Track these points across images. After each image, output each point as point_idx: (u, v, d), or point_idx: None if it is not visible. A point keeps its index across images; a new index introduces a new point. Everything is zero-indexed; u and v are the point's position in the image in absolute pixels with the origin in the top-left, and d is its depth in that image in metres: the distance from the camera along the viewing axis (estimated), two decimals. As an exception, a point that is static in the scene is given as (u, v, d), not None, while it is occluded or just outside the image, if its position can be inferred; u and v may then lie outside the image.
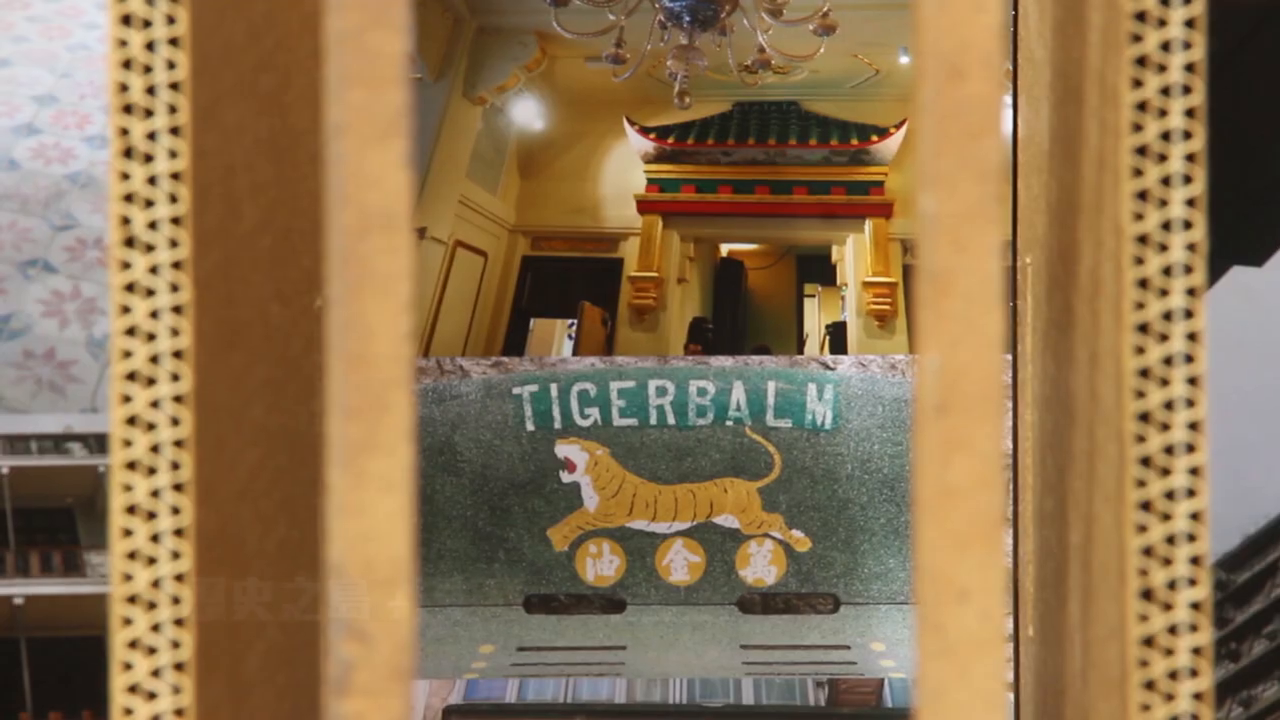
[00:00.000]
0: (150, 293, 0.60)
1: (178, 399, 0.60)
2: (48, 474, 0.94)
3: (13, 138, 0.94)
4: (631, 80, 0.97)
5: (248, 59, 0.67)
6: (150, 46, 0.60)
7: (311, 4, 0.60)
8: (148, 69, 0.61)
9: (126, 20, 0.60)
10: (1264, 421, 0.91)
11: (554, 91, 0.99)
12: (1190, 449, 0.59)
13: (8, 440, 0.96)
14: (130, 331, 0.60)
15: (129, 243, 0.60)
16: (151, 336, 0.60)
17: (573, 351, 0.98)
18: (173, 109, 0.61)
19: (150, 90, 0.61)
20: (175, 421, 0.60)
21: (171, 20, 0.60)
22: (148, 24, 0.60)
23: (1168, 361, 0.59)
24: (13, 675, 0.93)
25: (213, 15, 0.62)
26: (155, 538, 0.60)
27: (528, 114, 0.99)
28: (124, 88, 0.61)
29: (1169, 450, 0.59)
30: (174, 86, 0.61)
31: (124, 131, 0.61)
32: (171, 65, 0.60)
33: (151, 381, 0.60)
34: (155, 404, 0.60)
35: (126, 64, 0.61)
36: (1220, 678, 0.98)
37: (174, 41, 0.60)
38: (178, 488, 0.60)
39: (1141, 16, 0.59)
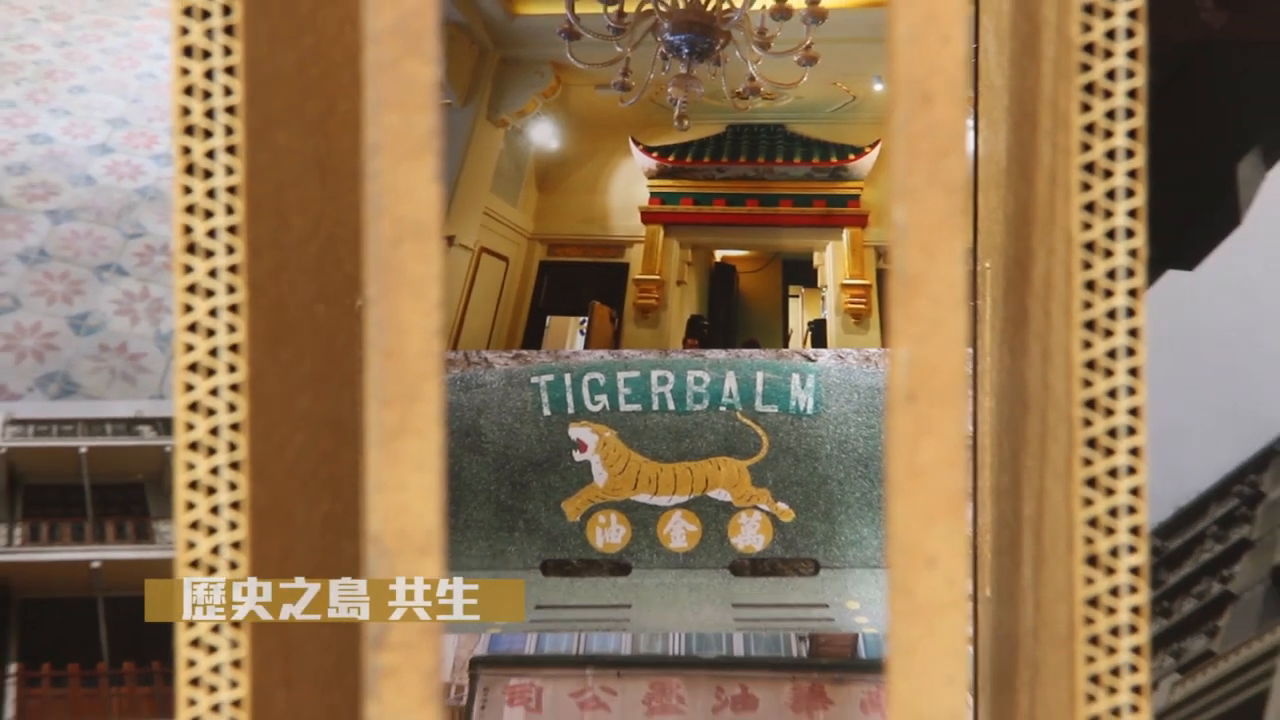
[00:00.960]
0: (209, 294, 0.60)
1: (234, 388, 0.60)
2: (121, 453, 0.94)
3: (89, 156, 0.94)
4: (636, 105, 0.96)
5: (296, 87, 0.67)
6: (209, 75, 0.60)
7: (352, 38, 0.60)
8: (207, 95, 0.60)
9: (188, 52, 0.60)
10: (1194, 407, 0.91)
11: (567, 115, 0.98)
12: (1131, 432, 0.59)
13: (86, 423, 0.96)
14: (192, 328, 0.60)
15: (190, 249, 0.60)
16: (211, 332, 0.60)
17: (584, 345, 0.97)
18: (229, 130, 0.60)
19: (209, 114, 0.60)
20: (232, 408, 0.60)
21: (228, 52, 0.60)
22: (207, 55, 0.60)
23: (1111, 354, 0.59)
24: (91, 630, 0.93)
25: (265, 48, 0.62)
26: (214, 510, 0.60)
27: (544, 135, 0.98)
28: (186, 111, 0.60)
29: (1112, 433, 0.59)
30: (230, 110, 0.60)
31: (186, 150, 0.60)
32: (228, 92, 0.60)
33: (211, 372, 0.60)
34: (214, 392, 0.60)
35: (188, 90, 0.60)
36: (1155, 632, 0.97)
37: (230, 71, 0.60)
38: (234, 466, 0.60)
39: (1089, 49, 0.59)
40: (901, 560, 0.57)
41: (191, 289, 0.60)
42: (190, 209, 0.61)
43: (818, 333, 0.97)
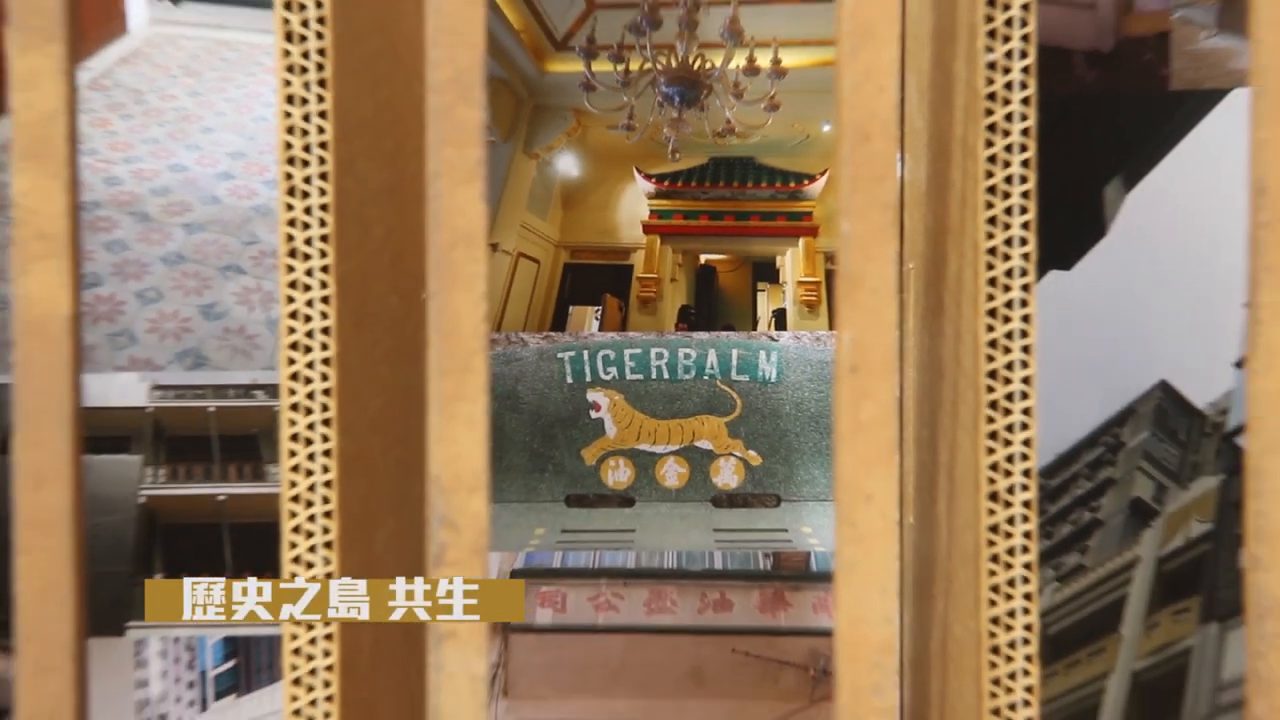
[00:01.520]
0: (307, 288, 0.59)
1: (325, 362, 0.59)
2: (240, 412, 0.94)
3: (216, 181, 0.93)
4: (639, 142, 0.96)
5: (373, 128, 0.66)
6: (306, 118, 0.59)
7: (417, 90, 0.59)
8: (305, 134, 0.59)
9: (290, 100, 0.59)
10: (1072, 377, 0.90)
11: (586, 150, 0.97)
12: (1024, 396, 0.58)
13: (214, 388, 0.96)
14: (293, 315, 0.59)
15: (292, 254, 0.59)
16: (308, 319, 0.59)
17: (598, 328, 0.96)
18: (322, 161, 0.59)
19: (306, 148, 0.59)
20: (324, 377, 0.59)
21: (321, 100, 0.59)
22: (305, 102, 0.59)
23: (1009, 336, 0.58)
24: (218, 548, 0.92)
25: (350, 97, 0.61)
26: (311, 457, 0.59)
27: (568, 165, 0.97)
28: (289, 146, 0.60)
29: (1009, 397, 0.58)
30: (323, 146, 0.59)
31: (289, 176, 0.59)
32: (321, 131, 0.59)
33: (308, 349, 0.59)
34: (310, 365, 0.59)
35: (290, 130, 0.59)
36: (1040, 551, 0.97)
37: (322, 115, 0.59)
38: (326, 423, 0.59)
39: (992, 97, 0.58)
40: (846, 496, 0.56)
41: (293, 284, 0.59)
42: (292, 222, 0.60)
43: (779, 319, 0.96)
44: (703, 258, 0.98)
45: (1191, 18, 0.88)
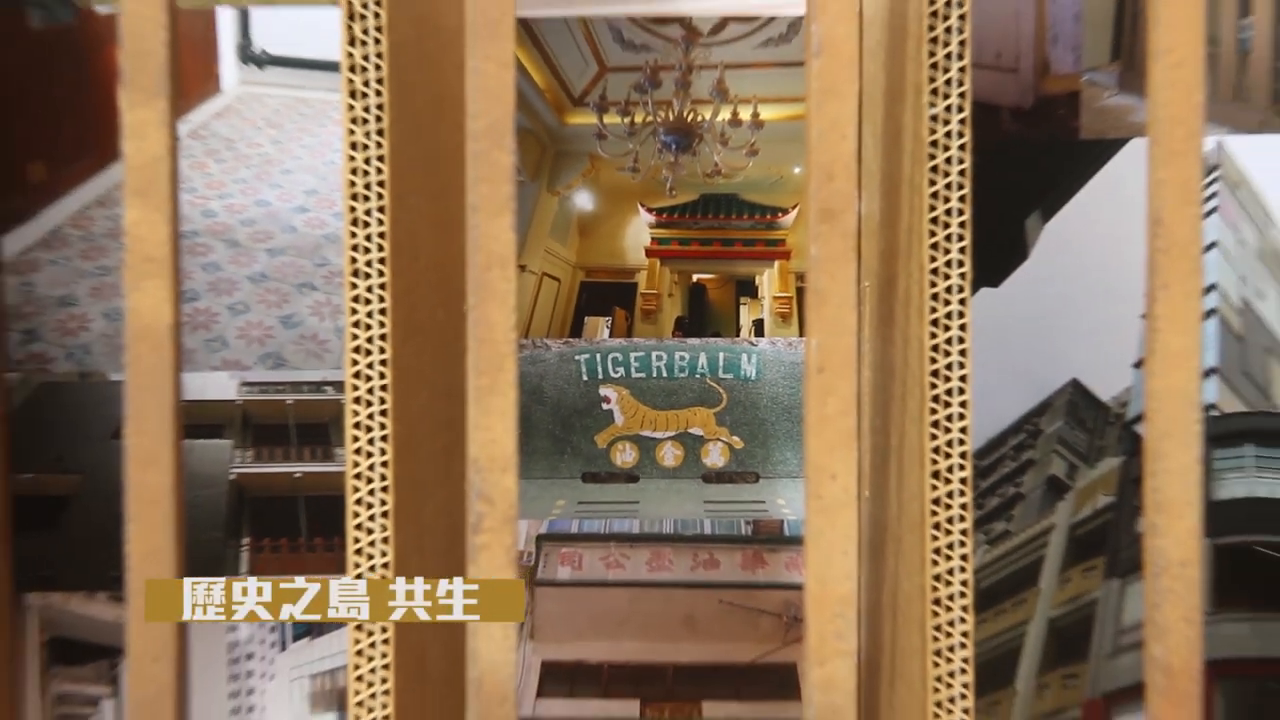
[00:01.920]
0: (368, 302, 0.58)
1: (383, 363, 0.58)
2: (313, 404, 0.92)
3: (293, 214, 0.91)
4: (642, 181, 0.94)
5: (423, 168, 0.65)
6: (368, 161, 0.58)
7: (459, 137, 0.58)
8: (366, 173, 0.58)
9: (354, 146, 0.58)
10: (1001, 376, 0.88)
11: (599, 188, 0.95)
12: (962, 391, 0.57)
13: (292, 385, 0.94)
14: (356, 324, 0.58)
15: (355, 274, 0.58)
16: (368, 327, 0.58)
17: (609, 335, 0.95)
18: (380, 196, 0.58)
19: (368, 186, 0.58)
20: (382, 376, 0.58)
21: (380, 145, 0.58)
22: (366, 148, 0.58)
23: (949, 342, 0.57)
24: (295, 518, 0.90)
25: (403, 143, 0.60)
26: (370, 441, 0.58)
27: (584, 200, 0.95)
28: (353, 184, 0.58)
29: (949, 393, 0.57)
30: (380, 184, 0.58)
31: (353, 209, 0.58)
32: (379, 171, 0.58)
33: (368, 353, 0.58)
34: (370, 365, 0.58)
35: (354, 171, 0.58)
36: (973, 519, 0.95)
37: (380, 159, 0.58)
38: (383, 413, 0.58)
39: (934, 144, 0.57)
40: (814, 475, 0.55)
41: (356, 299, 0.58)
42: (355, 247, 0.59)
43: (758, 327, 0.94)
44: (695, 277, 0.96)
45: (1097, 80, 0.87)
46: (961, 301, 0.57)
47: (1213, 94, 0.86)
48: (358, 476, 0.58)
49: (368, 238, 0.58)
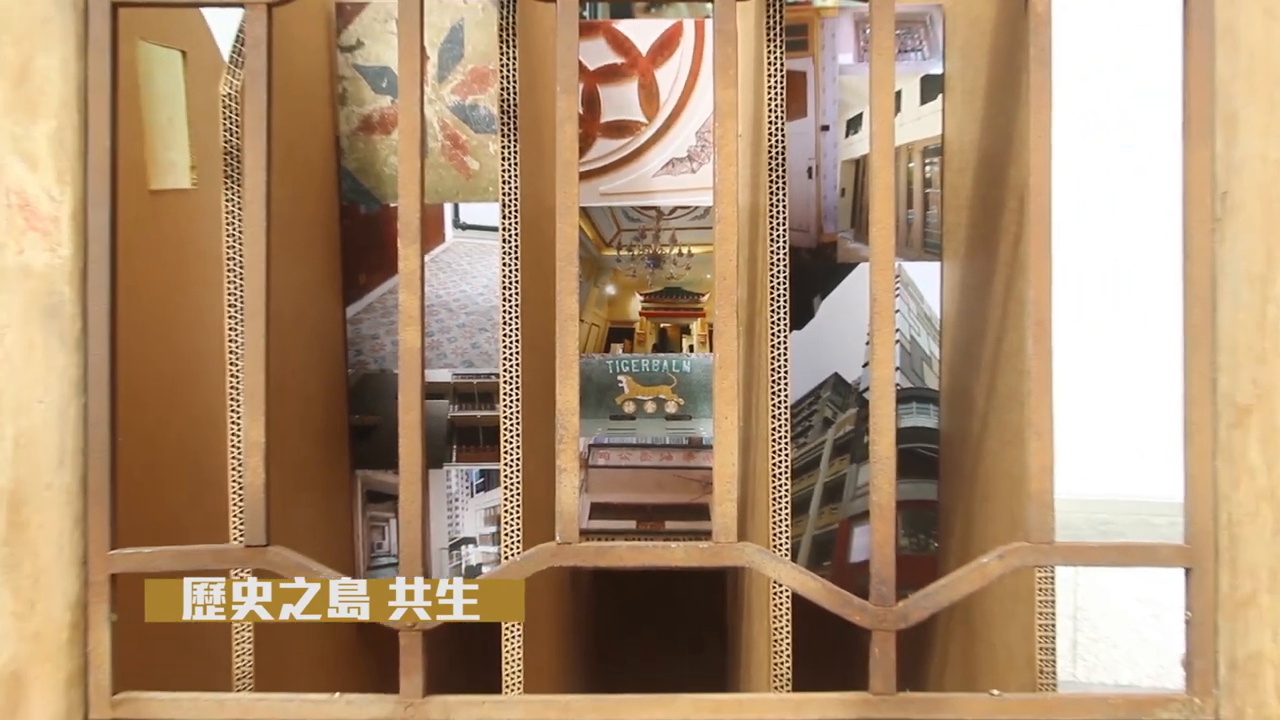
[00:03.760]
0: (508, 340, 0.68)
1: (517, 365, 0.68)
2: (485, 383, 1.04)
3: (476, 296, 0.83)
4: (637, 280, 1.10)
5: (535, 277, 0.72)
6: (511, 272, 0.68)
7: (552, 257, 0.61)
8: (508, 276, 0.67)
9: (504, 264, 0.65)
10: (801, 371, 1.06)
11: (617, 284, 1.11)
12: (784, 379, 0.67)
13: (476, 375, 1.04)
14: (506, 359, 0.68)
15: (505, 330, 0.67)
16: (507, 355, 0.68)
17: (621, 352, 1.10)
18: (517, 293, 0.67)
19: (511, 285, 0.67)
20: (518, 373, 0.68)
21: (515, 261, 0.66)
22: (506, 265, 0.67)
23: (776, 357, 0.67)
24: (476, 437, 1.05)
25: (528, 265, 0.68)
26: (513, 400, 0.68)
27: (610, 289, 1.10)
28: (504, 285, 0.67)
29: (776, 380, 0.67)
30: (516, 283, 0.67)
31: (505, 298, 0.66)
32: (517, 277, 0.66)
33: (509, 360, 0.67)
34: (509, 368, 0.67)
35: (505, 279, 0.67)
36: (791, 442, 1.00)
37: (518, 271, 0.67)
38: (518, 388, 0.68)
39: (773, 264, 0.66)
40: (718, 416, 0.61)
41: (505, 338, 0.66)
42: (504, 317, 0.66)
43: (691, 349, 1.08)
44: (662, 325, 1.10)
45: (844, 235, 1.08)
46: (785, 336, 0.65)
47: (904, 241, 1.05)
48: (506, 416, 0.66)
49: (510, 311, 0.66)
